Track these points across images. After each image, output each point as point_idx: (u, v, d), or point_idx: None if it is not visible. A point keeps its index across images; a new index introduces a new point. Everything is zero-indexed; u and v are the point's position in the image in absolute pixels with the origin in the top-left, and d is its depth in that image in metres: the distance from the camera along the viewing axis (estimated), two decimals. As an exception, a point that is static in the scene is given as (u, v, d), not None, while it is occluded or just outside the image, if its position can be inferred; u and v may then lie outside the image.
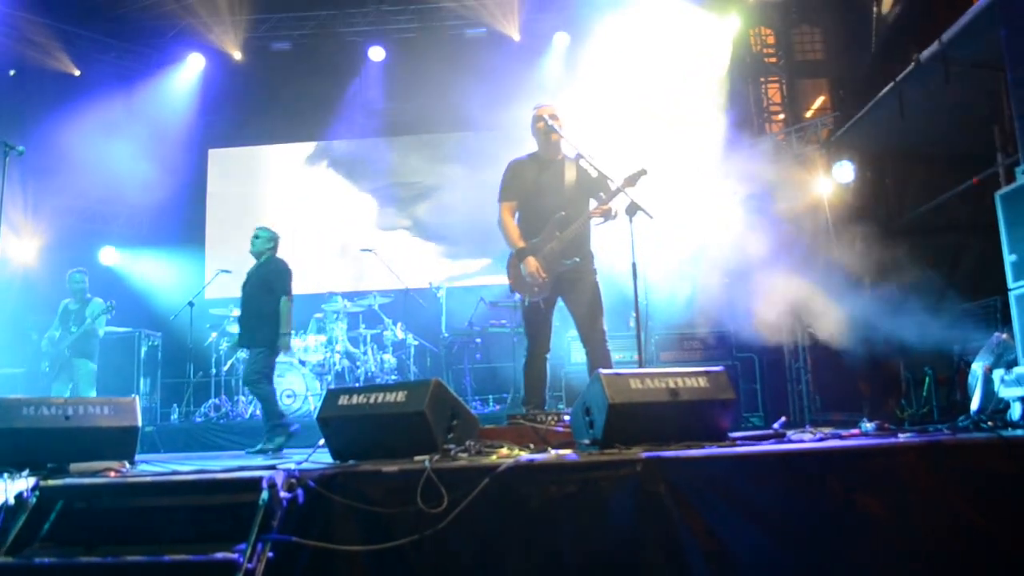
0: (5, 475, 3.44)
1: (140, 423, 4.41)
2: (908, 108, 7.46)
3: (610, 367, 5.00)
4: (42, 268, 11.57)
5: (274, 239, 7.49)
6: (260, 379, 7.15)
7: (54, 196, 12.25)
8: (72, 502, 3.41)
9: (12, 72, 11.93)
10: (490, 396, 10.40)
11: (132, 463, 4.22)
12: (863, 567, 2.99)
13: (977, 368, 5.18)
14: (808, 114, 11.81)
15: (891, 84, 7.47)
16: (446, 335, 10.48)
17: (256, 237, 7.41)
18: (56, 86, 12.18)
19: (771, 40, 11.90)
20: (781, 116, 11.49)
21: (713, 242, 8.75)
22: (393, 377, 10.16)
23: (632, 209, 4.93)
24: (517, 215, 5.52)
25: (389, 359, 10.22)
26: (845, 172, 9.18)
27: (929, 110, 7.60)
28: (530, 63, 10.31)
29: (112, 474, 3.74)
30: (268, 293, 7.23)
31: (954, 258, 8.69)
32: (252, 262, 7.49)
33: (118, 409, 4.33)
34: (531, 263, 5.26)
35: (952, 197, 8.44)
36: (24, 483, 3.36)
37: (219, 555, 2.96)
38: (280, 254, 7.51)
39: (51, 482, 3.42)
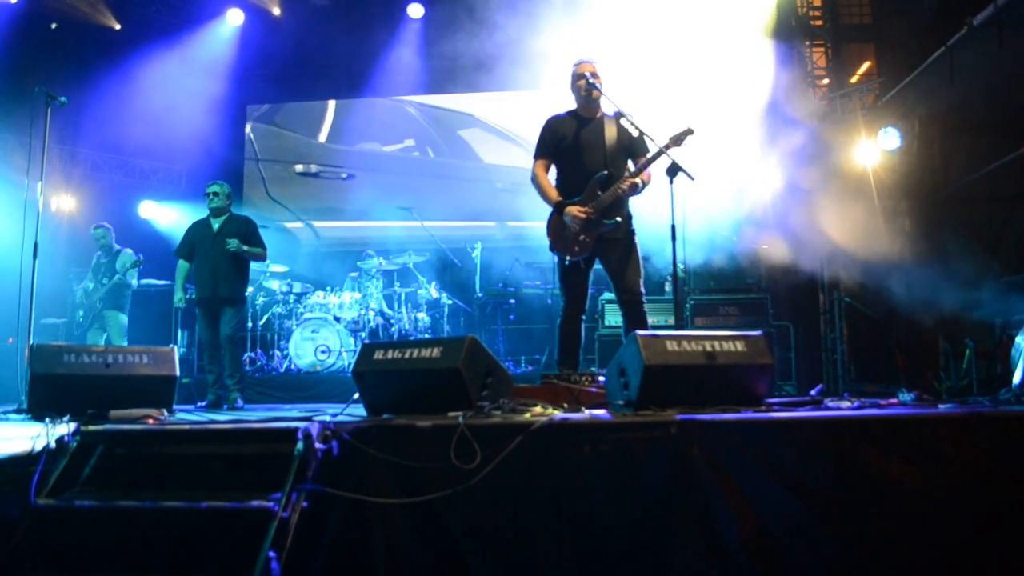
0: (47, 420, 3.50)
1: (178, 372, 4.48)
2: (959, 74, 7.27)
3: (647, 330, 4.96)
4: (83, 220, 11.71)
5: (231, 194, 7.65)
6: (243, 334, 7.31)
7: (94, 149, 12.42)
8: (112, 448, 3.47)
9: (54, 25, 12.00)
10: (523, 357, 10.39)
11: (170, 411, 4.29)
12: (897, 536, 2.96)
13: (1021, 341, 5.08)
14: (853, 79, 11.56)
15: (942, 48, 7.26)
16: (480, 295, 10.48)
17: (216, 195, 7.44)
18: (96, 40, 12.24)
19: (817, 2, 11.62)
20: (826, 80, 11.25)
21: (753, 207, 8.63)
22: (426, 335, 10.17)
23: (673, 170, 4.86)
24: (557, 174, 5.48)
25: (423, 317, 10.25)
26: (891, 139, 9.00)
27: (980, 76, 7.39)
28: (570, 20, 10.15)
29: (151, 421, 3.81)
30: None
31: (999, 229, 8.51)
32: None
33: (157, 358, 4.40)
34: (573, 209, 5.21)
35: (999, 167, 8.25)
36: (65, 428, 3.43)
37: (255, 503, 3.01)
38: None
39: (92, 427, 3.49)
